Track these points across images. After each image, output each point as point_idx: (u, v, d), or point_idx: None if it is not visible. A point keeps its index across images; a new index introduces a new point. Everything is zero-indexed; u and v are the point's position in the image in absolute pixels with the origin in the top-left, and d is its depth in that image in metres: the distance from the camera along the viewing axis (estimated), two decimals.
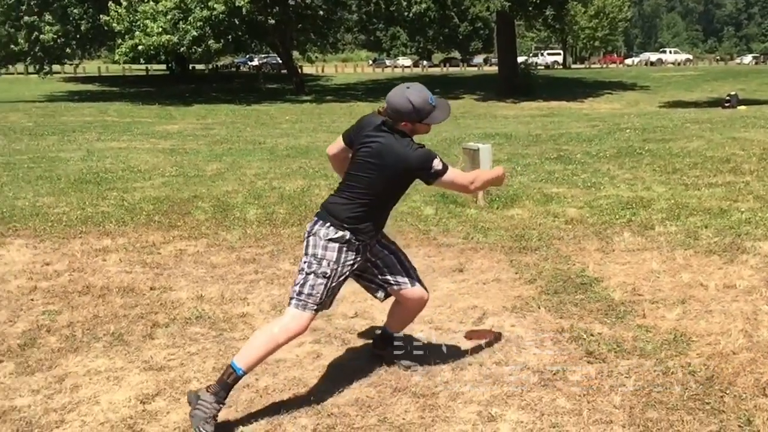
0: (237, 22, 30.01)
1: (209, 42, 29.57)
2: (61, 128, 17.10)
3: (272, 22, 30.93)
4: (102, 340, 3.86)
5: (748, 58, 70.51)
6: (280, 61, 41.48)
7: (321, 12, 34.66)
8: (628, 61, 69.97)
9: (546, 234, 5.89)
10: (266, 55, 56.25)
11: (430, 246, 5.67)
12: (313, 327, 3.91)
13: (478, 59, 67.33)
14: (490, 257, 5.31)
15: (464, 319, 4.08)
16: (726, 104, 23.11)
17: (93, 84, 43.08)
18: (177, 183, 8.69)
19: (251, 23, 30.97)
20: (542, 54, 66.03)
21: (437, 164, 2.93)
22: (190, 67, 47.13)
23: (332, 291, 3.00)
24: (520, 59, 41.00)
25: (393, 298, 3.34)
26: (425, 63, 67.21)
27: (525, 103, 29.18)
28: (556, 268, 4.94)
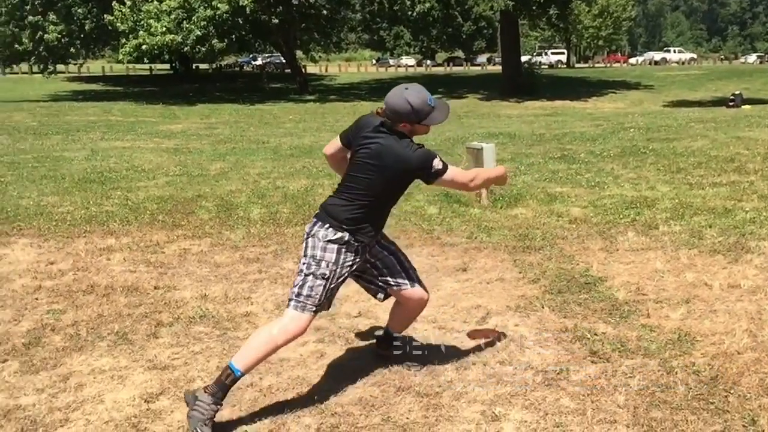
0: (241, 22, 30.05)
1: (213, 41, 29.62)
2: (65, 128, 17.14)
3: (276, 22, 30.98)
4: (106, 339, 3.87)
5: (753, 58, 70.33)
6: (284, 61, 41.51)
7: (324, 11, 34.68)
8: (632, 61, 69.89)
9: (550, 233, 5.89)
10: (270, 55, 56.31)
11: (434, 245, 5.67)
12: (317, 326, 3.92)
13: (482, 58, 67.29)
14: (494, 257, 5.31)
15: (468, 319, 4.08)
16: (730, 103, 23.08)
17: (97, 83, 43.15)
18: (181, 182, 8.70)
19: (255, 23, 31.01)
20: (546, 53, 65.99)
21: (437, 164, 2.93)
22: (194, 67, 47.14)
23: (331, 292, 2.99)
24: (524, 58, 41.00)
25: (393, 298, 3.33)
26: (429, 62, 67.18)
27: (529, 103, 29.15)
28: (560, 268, 4.93)
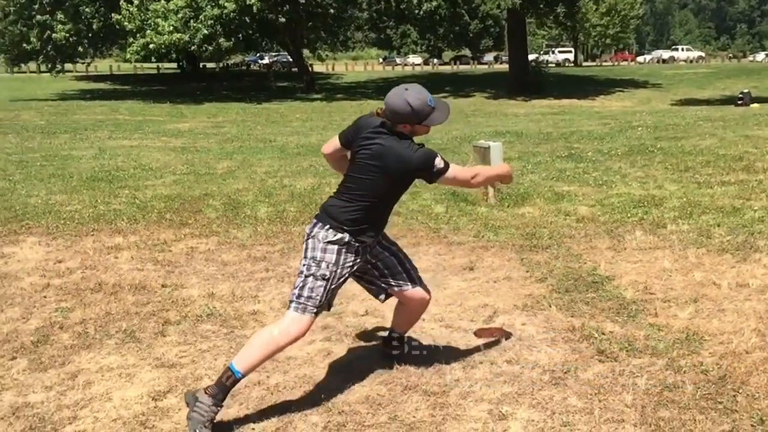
0: (248, 21, 30.08)
1: (220, 40, 29.63)
2: (73, 126, 17.22)
3: (283, 21, 30.96)
4: (114, 337, 3.89)
5: (761, 56, 70.03)
6: (291, 60, 41.55)
7: (331, 10, 34.65)
8: (640, 59, 69.69)
9: (557, 232, 5.87)
10: (277, 54, 56.36)
11: (441, 244, 5.66)
12: (324, 325, 3.93)
13: (489, 57, 67.15)
14: (501, 255, 5.30)
15: (475, 318, 4.07)
16: (739, 102, 22.98)
17: (105, 82, 43.30)
18: (188, 181, 8.72)
19: (262, 21, 31.03)
20: (553, 52, 65.88)
21: (439, 163, 2.90)
22: (201, 66, 47.24)
23: (332, 293, 2.98)
24: (531, 57, 40.90)
25: (395, 298, 3.32)
26: (435, 61, 67.10)
27: (536, 101, 29.09)
28: (568, 267, 4.92)
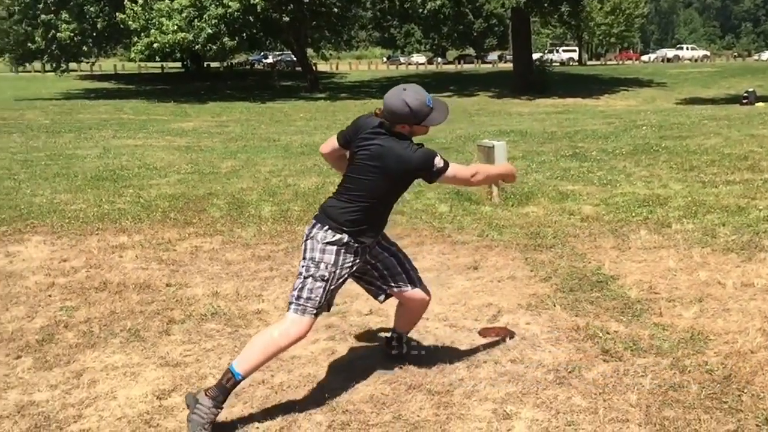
0: (251, 20, 30.09)
1: (224, 39, 29.66)
2: (78, 126, 17.26)
3: (287, 20, 30.97)
4: (119, 336, 3.89)
5: (767, 55, 69.71)
6: (295, 59, 41.54)
7: (335, 9, 34.63)
8: (645, 58, 69.48)
9: (561, 231, 5.87)
10: (281, 53, 56.36)
11: (445, 243, 5.66)
12: (328, 324, 3.94)
13: (493, 56, 67.02)
14: (505, 255, 5.30)
15: (479, 317, 4.07)
16: (744, 101, 22.92)
17: (109, 82, 43.36)
18: (192, 180, 8.74)
19: (266, 21, 31.04)
20: (557, 50, 65.68)
21: (438, 162, 2.89)
22: (205, 65, 47.28)
23: (331, 294, 2.97)
24: (535, 56, 40.85)
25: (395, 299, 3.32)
26: (439, 60, 67.02)
27: (540, 100, 29.04)
28: (572, 266, 4.91)
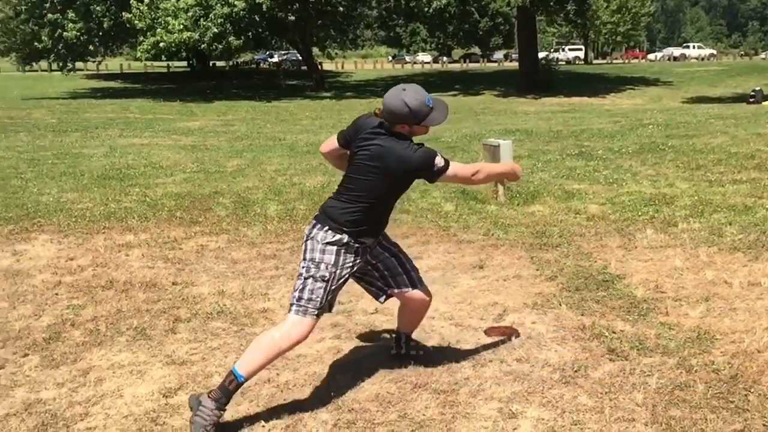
0: (257, 19, 30.14)
1: (230, 39, 29.71)
2: (84, 125, 17.31)
3: (292, 19, 31.03)
4: (125, 335, 3.91)
5: None
6: (300, 58, 41.58)
7: (341, 8, 34.64)
8: (651, 57, 69.30)
9: (567, 231, 5.85)
10: (286, 52, 56.43)
11: (450, 242, 5.66)
12: (334, 323, 3.94)
13: (499, 55, 66.95)
14: (511, 254, 5.29)
15: (485, 316, 4.07)
16: (751, 100, 22.82)
17: (115, 81, 43.51)
18: (198, 179, 8.75)
19: (271, 20, 31.07)
20: (563, 49, 65.55)
21: (439, 162, 2.88)
22: (211, 64, 47.38)
23: (332, 294, 2.95)
24: (541, 55, 40.76)
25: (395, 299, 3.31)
26: (445, 59, 66.90)
27: (546, 99, 28.99)
28: (578, 265, 4.91)
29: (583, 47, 65.95)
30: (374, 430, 2.86)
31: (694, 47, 70.67)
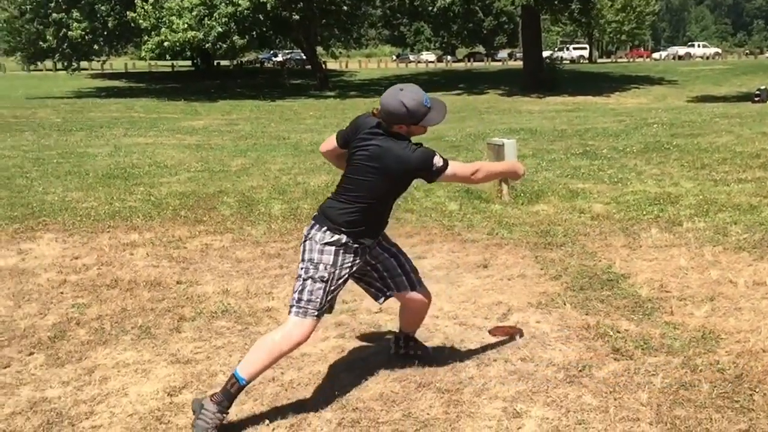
0: (261, 18, 30.16)
1: (234, 38, 29.74)
2: (89, 124, 17.35)
3: (296, 18, 31.02)
4: (130, 333, 3.92)
5: None
6: (304, 57, 41.61)
7: (345, 7, 34.65)
8: (656, 55, 69.16)
9: (572, 230, 5.85)
10: (290, 51, 56.46)
11: (455, 241, 5.65)
12: (338, 322, 3.94)
13: (503, 54, 66.85)
14: (515, 253, 5.29)
15: (489, 315, 4.06)
16: (756, 99, 22.76)
17: (120, 80, 43.58)
18: (202, 178, 8.77)
19: (275, 19, 31.09)
20: (568, 48, 65.44)
21: (438, 161, 2.86)
22: (215, 63, 47.41)
23: (332, 294, 2.94)
24: (545, 54, 40.69)
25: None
26: (449, 58, 66.87)
27: (550, 98, 28.94)
28: (582, 265, 4.90)
29: (588, 46, 65.81)
30: (378, 429, 2.86)
31: (699, 46, 70.48)
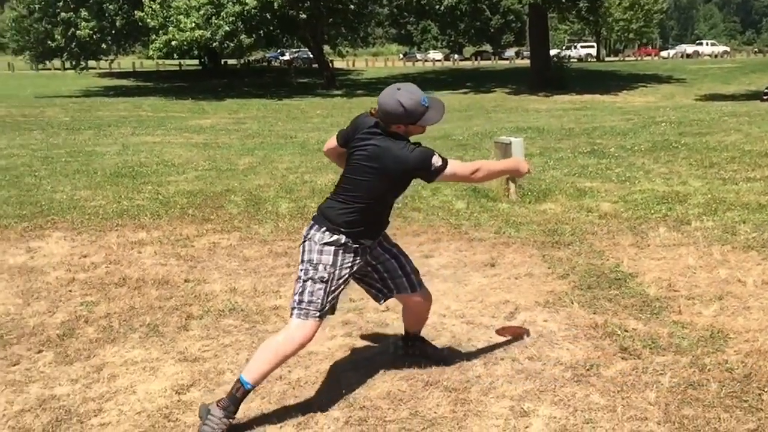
0: (269, 17, 30.21)
1: (241, 37, 29.80)
2: (97, 123, 17.41)
3: (303, 17, 31.05)
4: (138, 331, 3.93)
5: None
6: (311, 56, 41.63)
7: (352, 6, 34.64)
8: (664, 54, 68.86)
9: (579, 229, 5.83)
10: (297, 50, 56.53)
11: (462, 240, 5.65)
12: (345, 320, 3.95)
13: (510, 52, 66.81)
14: (523, 252, 5.28)
15: (496, 314, 4.06)
16: (764, 97, 22.65)
17: (127, 79, 43.70)
18: (210, 177, 8.79)
19: (283, 18, 31.13)
20: (575, 47, 65.19)
21: (436, 161, 2.84)
22: (223, 62, 47.51)
23: (333, 295, 2.92)
24: (553, 52, 40.54)
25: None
26: (456, 56, 66.79)
27: (558, 97, 28.85)
28: (590, 263, 4.89)
29: (596, 44, 65.60)
30: (385, 428, 2.86)
31: (708, 44, 70.13)
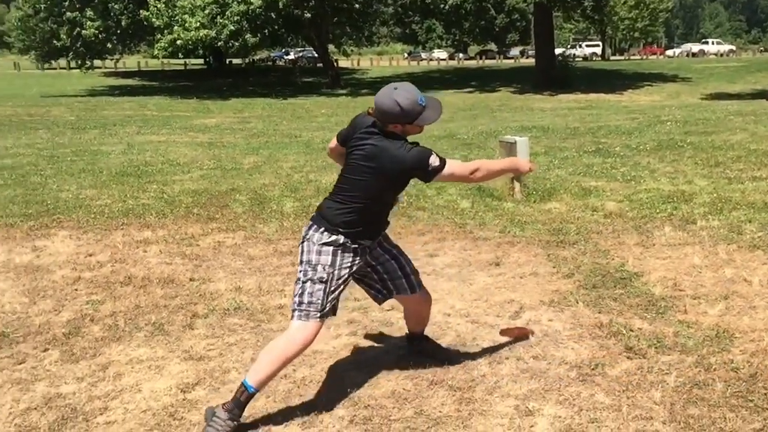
0: (273, 16, 30.24)
1: (246, 36, 29.83)
2: (103, 122, 17.45)
3: (308, 16, 31.08)
4: (143, 330, 3.94)
5: None
6: (316, 55, 41.71)
7: (357, 5, 34.66)
8: (669, 53, 68.67)
9: (584, 228, 5.82)
10: (302, 49, 56.63)
11: (467, 239, 5.65)
12: (350, 319, 3.95)
13: (515, 51, 66.73)
14: (527, 251, 5.27)
15: (501, 313, 4.06)
16: None
17: (133, 78, 43.80)
18: (215, 176, 8.80)
19: (288, 17, 31.16)
20: (580, 45, 65.10)
21: (434, 161, 2.82)
22: (227, 62, 47.60)
23: (333, 295, 2.91)
24: (558, 51, 40.50)
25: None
26: (461, 55, 66.77)
27: (563, 96, 28.79)
28: (595, 263, 4.88)
29: (601, 43, 65.47)
30: (390, 427, 2.87)
31: (713, 43, 69.89)
